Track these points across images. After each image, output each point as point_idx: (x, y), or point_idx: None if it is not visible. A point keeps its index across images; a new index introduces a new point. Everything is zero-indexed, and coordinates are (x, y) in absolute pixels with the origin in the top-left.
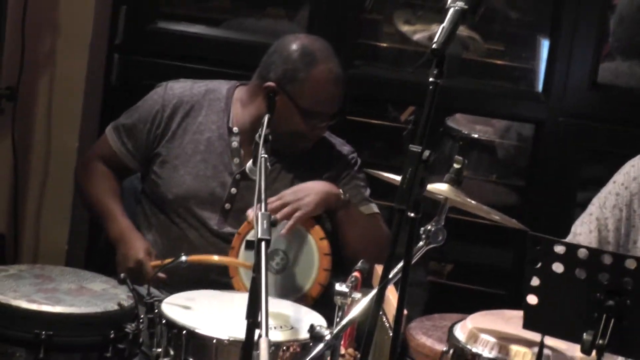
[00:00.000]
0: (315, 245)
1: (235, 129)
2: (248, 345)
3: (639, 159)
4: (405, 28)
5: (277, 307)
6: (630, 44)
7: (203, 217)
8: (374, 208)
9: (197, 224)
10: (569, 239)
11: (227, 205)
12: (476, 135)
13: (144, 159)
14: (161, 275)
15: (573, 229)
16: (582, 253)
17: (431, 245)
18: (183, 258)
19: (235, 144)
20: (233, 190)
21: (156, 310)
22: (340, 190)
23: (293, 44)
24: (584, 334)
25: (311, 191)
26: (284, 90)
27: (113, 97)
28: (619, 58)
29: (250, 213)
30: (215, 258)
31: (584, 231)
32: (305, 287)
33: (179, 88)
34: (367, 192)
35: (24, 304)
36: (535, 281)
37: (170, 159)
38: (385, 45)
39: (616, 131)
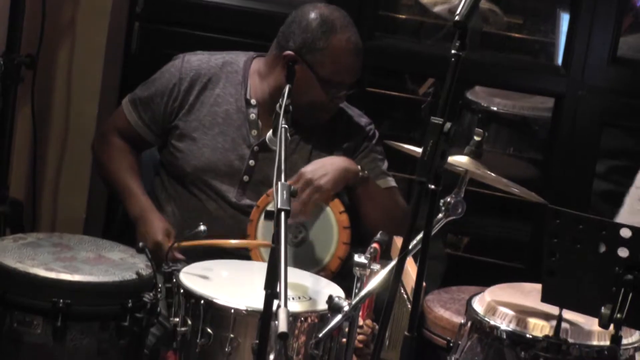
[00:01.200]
0: (335, 218)
1: (253, 101)
2: (266, 316)
3: None
4: (425, 0)
5: (296, 278)
6: None
7: (221, 190)
8: (392, 182)
9: (216, 196)
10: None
11: (246, 178)
12: (495, 108)
13: (161, 132)
14: (179, 255)
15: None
16: (600, 226)
17: (450, 218)
18: (202, 228)
19: (253, 116)
20: (251, 162)
21: (174, 280)
22: (359, 167)
23: (312, 13)
24: (602, 308)
25: (330, 168)
26: (303, 59)
27: (133, 65)
28: None
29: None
30: (233, 242)
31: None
32: (324, 261)
33: (196, 60)
34: (385, 165)
35: (42, 272)
36: (554, 255)
37: (188, 131)
38: (404, 17)
39: (635, 105)
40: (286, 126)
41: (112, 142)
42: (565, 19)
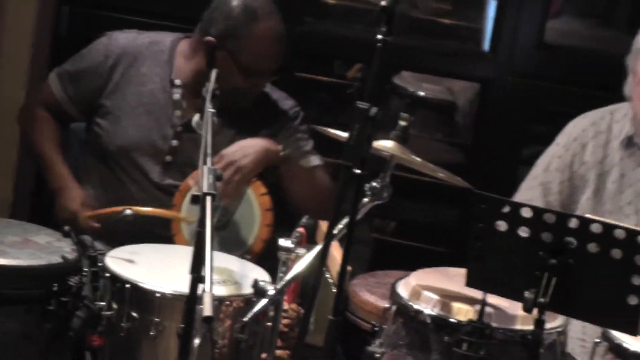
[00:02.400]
0: (257, 201)
1: (177, 82)
2: (191, 300)
3: (581, 118)
4: None
5: (222, 262)
6: (585, 4)
7: (145, 169)
8: (316, 160)
9: (139, 176)
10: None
11: (169, 158)
12: (423, 94)
13: (85, 107)
14: (95, 224)
15: (518, 194)
16: (526, 212)
17: (376, 202)
18: (128, 211)
19: (177, 96)
20: (175, 142)
21: (100, 264)
22: (280, 147)
23: (235, 0)
24: (526, 293)
25: (250, 150)
26: (224, 46)
27: (62, 49)
28: (568, 16)
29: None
30: (144, 209)
31: (529, 196)
32: (247, 243)
33: (123, 39)
34: (310, 144)
35: None
36: (479, 239)
37: (113, 110)
38: (334, 2)
39: (562, 91)
40: (213, 110)
41: (36, 113)
42: (492, 5)
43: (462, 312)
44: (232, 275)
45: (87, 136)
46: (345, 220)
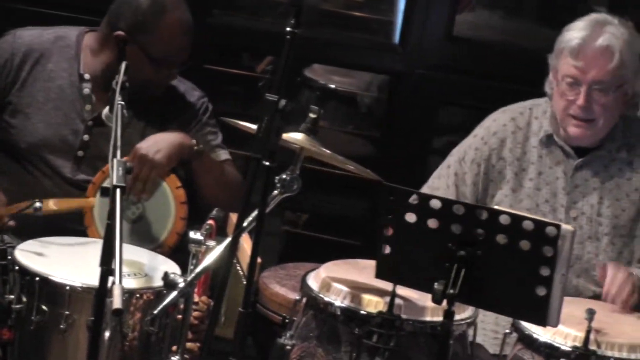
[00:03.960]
0: (172, 194)
1: (86, 76)
2: (101, 292)
3: (501, 112)
4: None
5: (132, 254)
6: None
7: (56, 165)
8: (225, 154)
9: (51, 172)
10: (426, 192)
11: (80, 153)
12: (333, 86)
13: None
14: (10, 222)
15: (430, 182)
16: (435, 203)
17: (286, 194)
18: (37, 204)
19: (86, 90)
20: (85, 137)
21: (9, 257)
22: (194, 141)
23: None
24: (435, 284)
25: (164, 144)
26: (134, 40)
27: None
28: (478, 9)
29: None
30: (59, 205)
31: (441, 185)
32: (161, 237)
33: (28, 36)
34: (219, 138)
35: None
36: (388, 231)
37: (22, 107)
38: None
39: (471, 83)
40: (122, 103)
41: None
42: None
43: (372, 304)
44: (142, 267)
45: None
46: (255, 213)
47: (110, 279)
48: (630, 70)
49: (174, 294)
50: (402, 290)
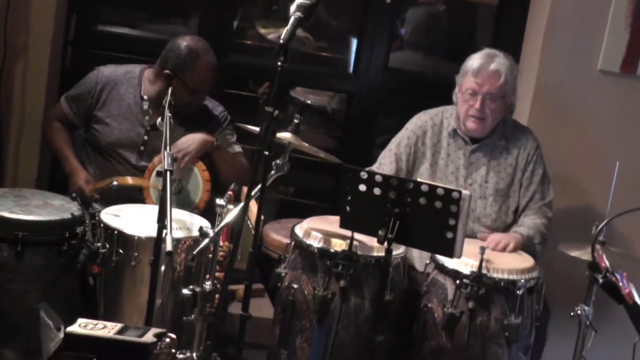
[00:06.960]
0: (200, 174)
1: (145, 97)
2: (158, 240)
3: (423, 113)
4: (262, 31)
5: (177, 215)
6: (417, 41)
7: (126, 157)
8: (238, 148)
9: (123, 161)
10: (376, 166)
11: (142, 148)
12: (310, 102)
13: (85, 118)
14: (95, 195)
15: (379, 159)
16: (378, 178)
17: (279, 173)
18: (115, 183)
19: (145, 106)
20: (145, 137)
21: (97, 218)
22: (214, 138)
23: (182, 43)
24: (379, 231)
25: (194, 141)
26: (177, 76)
27: (67, 77)
28: (409, 49)
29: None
30: (130, 181)
31: (386, 162)
32: (195, 203)
33: (107, 71)
34: (234, 137)
35: (7, 214)
36: (347, 197)
37: (103, 118)
38: (249, 42)
39: (401, 99)
40: (170, 115)
41: (53, 124)
42: (354, 43)
43: (338, 245)
44: (185, 223)
45: (86, 137)
46: (259, 186)
47: (164, 231)
48: (510, 88)
49: (206, 240)
50: (358, 236)
